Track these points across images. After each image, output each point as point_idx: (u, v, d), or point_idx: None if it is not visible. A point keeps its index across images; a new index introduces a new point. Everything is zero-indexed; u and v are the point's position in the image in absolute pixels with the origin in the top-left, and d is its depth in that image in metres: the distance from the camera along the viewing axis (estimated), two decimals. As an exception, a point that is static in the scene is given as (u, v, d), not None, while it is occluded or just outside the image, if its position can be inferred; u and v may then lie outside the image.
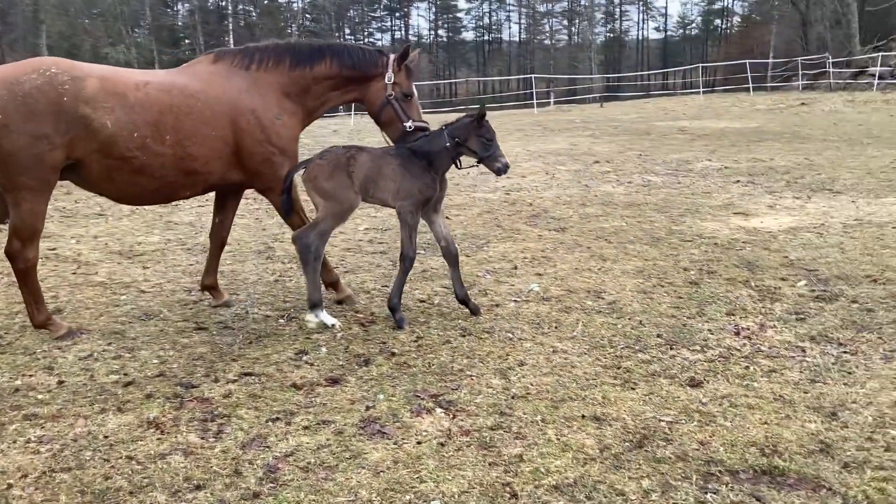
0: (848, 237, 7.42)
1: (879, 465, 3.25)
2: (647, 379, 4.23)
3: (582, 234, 8.02)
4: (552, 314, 5.38)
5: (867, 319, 5.09)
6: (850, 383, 4.11)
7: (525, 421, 3.75)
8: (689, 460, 3.34)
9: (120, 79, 4.84)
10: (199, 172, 5.07)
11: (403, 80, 5.49)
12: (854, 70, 37.00)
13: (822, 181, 10.84)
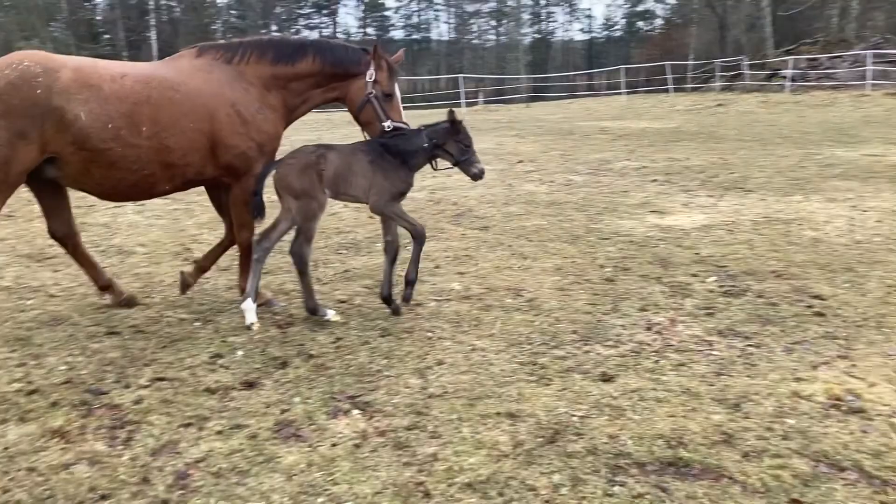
0: (757, 234, 7.72)
1: (777, 453, 3.40)
2: (562, 375, 4.32)
3: (504, 232, 8.11)
4: (472, 312, 5.43)
5: (771, 313, 5.31)
6: (753, 375, 4.28)
7: (441, 420, 3.77)
8: (598, 454, 3.42)
9: (96, 70, 4.82)
10: (177, 165, 5.04)
11: (385, 78, 5.43)
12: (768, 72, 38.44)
13: (735, 180, 11.24)
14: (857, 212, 8.69)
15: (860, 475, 3.21)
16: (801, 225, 8.08)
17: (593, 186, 11.17)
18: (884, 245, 7.11)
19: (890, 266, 6.38)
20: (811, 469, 3.26)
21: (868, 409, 3.80)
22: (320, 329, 5.09)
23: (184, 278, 5.79)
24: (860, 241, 7.32)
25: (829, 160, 13.05)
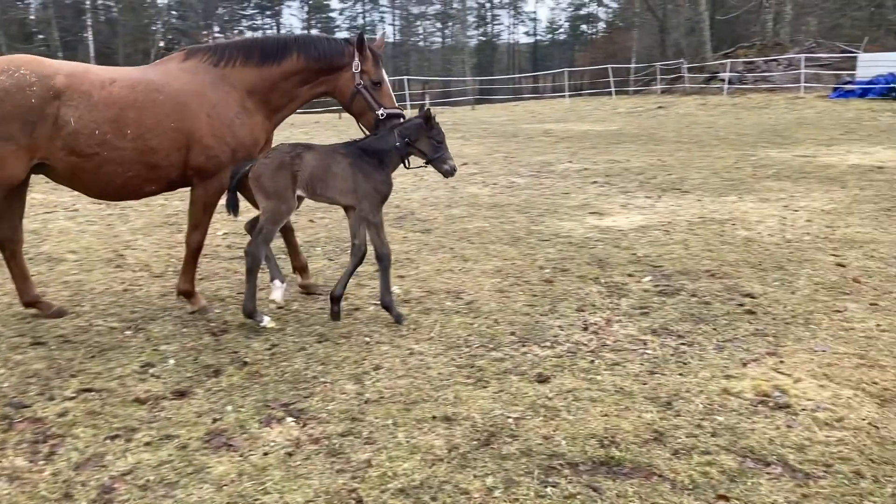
0: (692, 234, 7.88)
1: (706, 450, 3.46)
2: (499, 377, 4.33)
3: (446, 235, 8.12)
4: (411, 316, 5.41)
5: (704, 312, 5.42)
6: (685, 373, 4.35)
7: (376, 426, 3.74)
8: (532, 455, 3.44)
9: (87, 77, 4.91)
10: (161, 166, 5.09)
11: (371, 67, 5.42)
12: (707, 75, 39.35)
13: (672, 181, 11.46)
14: (788, 211, 8.94)
15: (784, 469, 3.29)
16: (734, 225, 8.27)
17: (535, 188, 11.27)
18: (813, 244, 7.32)
19: (818, 264, 6.57)
20: (738, 465, 3.32)
21: (793, 404, 3.90)
22: (255, 336, 5.01)
23: (305, 287, 5.98)
24: (791, 240, 7.53)
25: (763, 161, 13.41)
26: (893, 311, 5.30)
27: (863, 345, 4.71)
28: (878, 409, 3.84)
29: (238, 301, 5.80)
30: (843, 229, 7.91)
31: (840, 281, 6.06)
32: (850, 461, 3.33)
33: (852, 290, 5.81)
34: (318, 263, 6.95)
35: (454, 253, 7.28)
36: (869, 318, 5.17)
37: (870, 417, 3.74)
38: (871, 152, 14.29)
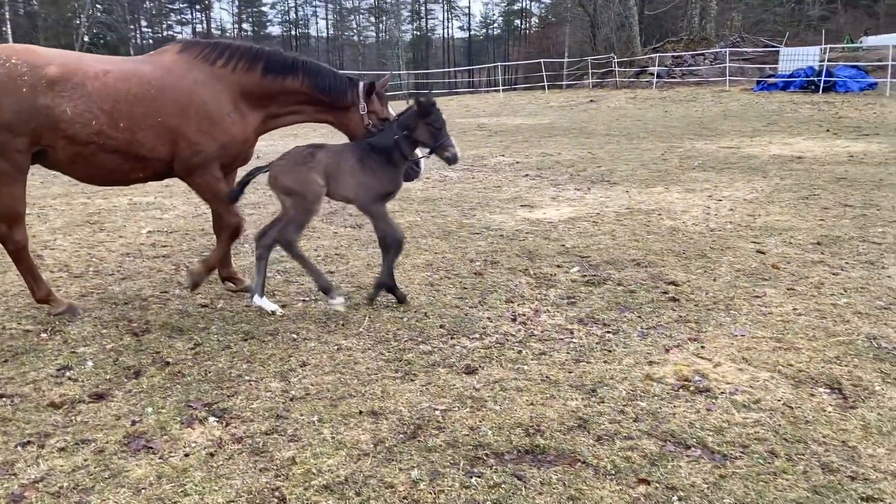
0: (619, 225, 8.02)
1: (628, 435, 3.52)
2: (427, 370, 4.32)
3: (377, 229, 8.06)
4: (340, 312, 5.36)
5: (630, 300, 5.52)
6: (609, 361, 4.42)
7: (301, 423, 3.69)
8: (458, 446, 3.44)
9: (80, 67, 4.93)
10: (147, 158, 5.11)
11: (378, 107, 5.55)
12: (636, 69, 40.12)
13: (602, 173, 11.64)
14: (712, 201, 9.18)
15: (703, 451, 3.37)
16: (660, 215, 8.45)
17: (468, 182, 11.30)
18: (734, 232, 7.53)
19: (739, 252, 6.76)
20: (659, 449, 3.39)
21: (713, 388, 4.00)
22: (178, 335, 4.89)
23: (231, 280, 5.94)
24: (714, 228, 7.73)
25: (689, 153, 13.74)
26: (809, 296, 5.49)
27: (780, 328, 4.86)
28: (793, 389, 3.97)
29: (160, 300, 5.66)
30: (763, 217, 8.16)
31: (760, 267, 6.25)
32: (766, 441, 3.43)
33: (771, 276, 5.99)
34: (245, 260, 6.83)
35: (385, 247, 7.23)
36: (786, 303, 5.34)
37: (785, 398, 3.86)
38: (791, 143, 14.79)
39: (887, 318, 4.97)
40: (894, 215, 8.03)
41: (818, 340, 4.63)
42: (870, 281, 5.77)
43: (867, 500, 2.96)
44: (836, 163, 12.06)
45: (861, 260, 6.37)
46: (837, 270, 6.09)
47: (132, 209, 9.42)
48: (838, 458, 3.27)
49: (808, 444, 3.39)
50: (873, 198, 9.05)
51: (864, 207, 8.50)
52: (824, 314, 5.09)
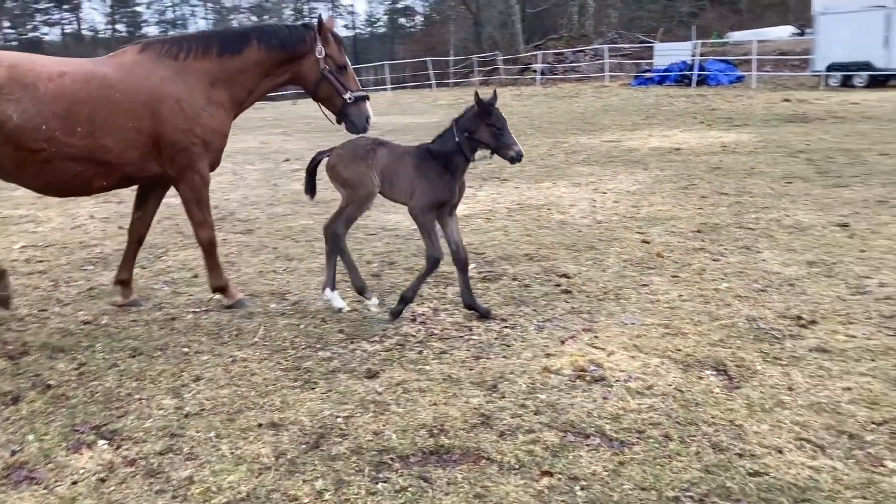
0: (511, 220, 8.16)
1: (530, 428, 3.58)
2: (327, 376, 4.26)
3: (269, 234, 7.89)
4: (234, 321, 5.21)
5: (525, 294, 5.62)
6: (508, 355, 4.48)
7: (198, 440, 3.56)
8: (363, 453, 3.40)
9: (32, 69, 4.69)
10: (114, 164, 4.92)
11: (335, 51, 5.32)
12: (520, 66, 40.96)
13: (492, 170, 11.78)
14: (598, 194, 9.48)
15: (602, 439, 3.46)
16: (549, 209, 8.65)
17: (360, 182, 11.20)
18: (620, 223, 7.80)
19: (625, 242, 7.00)
20: (560, 440, 3.46)
21: (608, 376, 4.12)
22: (60, 356, 4.62)
23: None
24: (601, 220, 7.98)
25: (574, 147, 14.14)
26: (692, 282, 5.74)
27: (667, 315, 5.06)
28: (682, 374, 4.14)
29: (39, 319, 5.33)
30: (646, 208, 8.49)
31: (645, 256, 6.49)
32: (660, 425, 3.56)
33: (656, 265, 6.24)
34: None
35: (278, 253, 7.09)
36: (672, 290, 5.57)
37: (675, 383, 4.02)
38: (669, 135, 15.46)
39: (764, 300, 5.26)
40: (766, 202, 8.52)
41: (703, 325, 4.85)
42: (747, 265, 6.10)
43: (754, 475, 3.12)
44: (711, 153, 12.69)
45: (738, 245, 6.73)
46: (717, 256, 6.41)
47: (2, 223, 8.83)
48: (727, 437, 3.43)
49: (699, 425, 3.55)
50: (746, 185, 9.58)
51: (738, 195, 8.98)
52: (707, 299, 5.33)
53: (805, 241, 6.76)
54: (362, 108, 5.38)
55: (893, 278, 5.56)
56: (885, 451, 3.25)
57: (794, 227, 7.25)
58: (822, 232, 7.03)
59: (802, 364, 4.19)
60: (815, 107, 20.02)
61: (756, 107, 21.13)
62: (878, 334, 4.56)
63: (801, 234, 6.98)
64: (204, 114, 5.08)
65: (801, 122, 16.83)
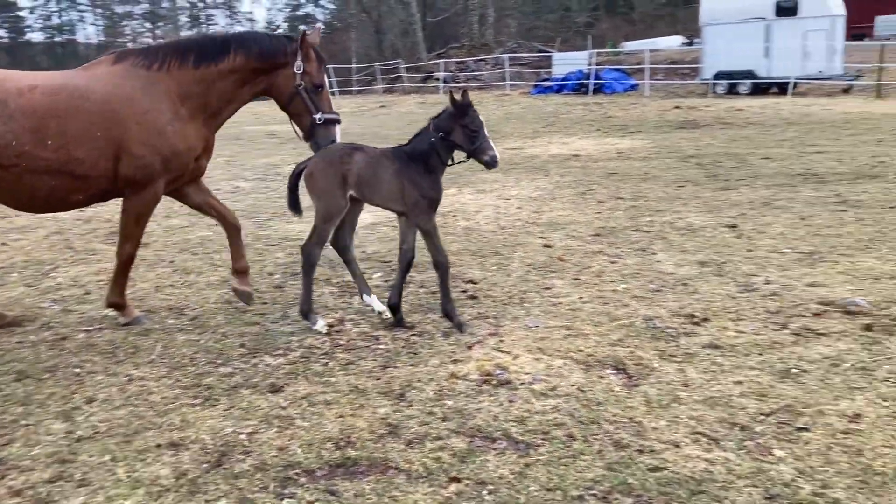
0: (417, 228, 8.16)
1: (437, 435, 3.58)
2: (229, 392, 4.14)
3: (166, 247, 7.63)
4: (129, 339, 5.00)
5: (432, 301, 5.63)
6: (416, 363, 4.48)
7: (91, 465, 3.40)
8: (267, 469, 3.32)
9: (3, 85, 4.61)
10: (90, 176, 4.80)
11: (315, 70, 5.14)
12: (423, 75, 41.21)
13: (397, 177, 11.80)
14: (501, 200, 9.62)
15: (508, 443, 3.50)
16: (455, 216, 8.72)
17: (262, 192, 11.01)
18: (523, 229, 7.94)
19: (528, 247, 7.13)
20: (467, 445, 3.48)
21: (513, 380, 4.18)
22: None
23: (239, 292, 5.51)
24: (504, 226, 8.10)
25: (477, 154, 14.29)
26: (592, 284, 5.90)
27: (569, 317, 5.17)
28: (584, 374, 4.24)
29: (-88, 345, 4.97)
30: (548, 213, 8.67)
31: (548, 260, 6.62)
32: (564, 426, 3.63)
33: (558, 268, 6.37)
34: (14, 291, 6.18)
35: (175, 266, 6.87)
36: (573, 292, 5.70)
37: (578, 383, 4.11)
38: (568, 142, 15.86)
39: (660, 300, 5.45)
40: (659, 205, 8.85)
41: (603, 325, 4.98)
42: (643, 267, 6.31)
43: (654, 469, 3.22)
44: (608, 159, 13.09)
45: (634, 248, 6.95)
46: (615, 259, 6.60)
47: None
48: (627, 434, 3.53)
49: (601, 424, 3.64)
50: (641, 190, 9.92)
51: (633, 199, 9.29)
52: (606, 300, 5.49)
53: (697, 242, 7.05)
54: (331, 131, 5.21)
55: (778, 276, 5.87)
56: (772, 441, 3.42)
57: (687, 229, 7.56)
58: (712, 233, 7.36)
59: (696, 360, 4.36)
60: (704, 113, 20.98)
61: (649, 114, 21.96)
62: (764, 329, 4.80)
63: (693, 236, 7.28)
64: (168, 129, 4.89)
65: (692, 129, 17.59)
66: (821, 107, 21.11)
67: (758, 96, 25.95)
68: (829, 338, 4.60)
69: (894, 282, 5.56)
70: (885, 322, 4.79)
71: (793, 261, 6.27)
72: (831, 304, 5.15)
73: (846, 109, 19.93)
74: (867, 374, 4.08)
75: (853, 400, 3.78)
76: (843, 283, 5.61)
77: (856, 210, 8.05)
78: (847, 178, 9.98)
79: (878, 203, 8.34)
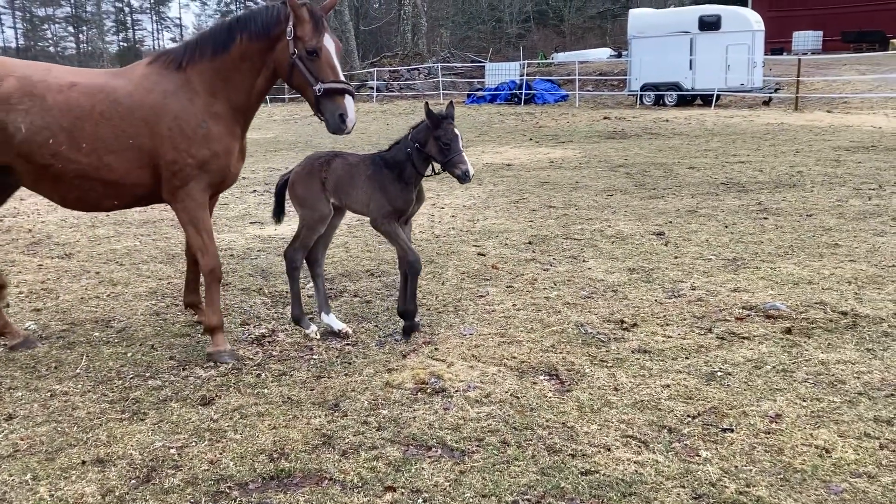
0: (352, 237, 8.14)
1: (372, 445, 3.57)
2: (158, 406, 4.04)
3: (91, 258, 7.40)
4: (52, 353, 4.83)
5: (366, 310, 5.61)
6: (350, 373, 4.46)
7: (11, 484, 3.27)
8: (198, 483, 3.26)
9: (44, 79, 4.48)
10: (122, 184, 4.58)
11: (307, 31, 4.47)
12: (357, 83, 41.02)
13: (331, 186, 11.73)
14: (435, 209, 9.66)
15: (443, 450, 3.52)
16: (389, 224, 8.70)
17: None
18: (458, 237, 7.99)
19: (463, 255, 7.18)
20: (402, 454, 3.48)
21: (448, 387, 4.20)
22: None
23: None
24: (439, 235, 8.13)
25: (411, 163, 14.32)
26: (525, 292, 5.97)
27: (503, 324, 5.23)
28: (518, 380, 4.29)
29: None
30: (482, 222, 8.75)
31: (482, 269, 6.68)
32: (498, 432, 3.67)
33: (492, 276, 6.44)
34: None
35: (101, 277, 6.67)
36: (506, 300, 5.77)
37: (511, 389, 4.16)
38: (501, 151, 16.04)
39: (591, 306, 5.56)
40: (590, 213, 9.03)
41: (536, 332, 5.05)
42: (574, 274, 6.43)
43: (586, 473, 3.28)
44: (540, 168, 13.29)
45: (566, 255, 7.08)
46: (547, 266, 6.71)
47: None
48: (560, 438, 3.59)
49: (535, 429, 3.69)
50: (572, 198, 10.11)
51: (565, 207, 9.46)
52: (539, 307, 5.57)
53: (626, 249, 7.22)
54: (337, 103, 4.52)
55: (703, 281, 6.06)
56: (699, 442, 3.53)
57: (616, 237, 7.74)
58: (640, 241, 7.55)
59: (626, 365, 4.46)
60: (632, 124, 21.52)
61: (579, 124, 22.40)
62: (691, 334, 4.94)
63: (623, 243, 7.46)
64: (200, 131, 4.55)
65: (620, 139, 18.02)
66: (743, 118, 21.90)
67: (683, 108, 26.74)
68: (751, 341, 4.77)
69: (812, 286, 5.81)
70: (803, 325, 5.00)
71: (717, 267, 6.48)
72: (753, 309, 5.35)
73: (766, 121, 20.74)
74: (787, 375, 4.24)
75: (774, 401, 3.92)
76: (764, 288, 5.83)
77: (776, 218, 8.37)
78: (767, 187, 10.38)
79: (796, 211, 8.69)
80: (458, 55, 43.85)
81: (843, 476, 3.20)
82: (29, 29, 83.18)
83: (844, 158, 12.89)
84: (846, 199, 9.23)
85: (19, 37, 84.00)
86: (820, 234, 7.52)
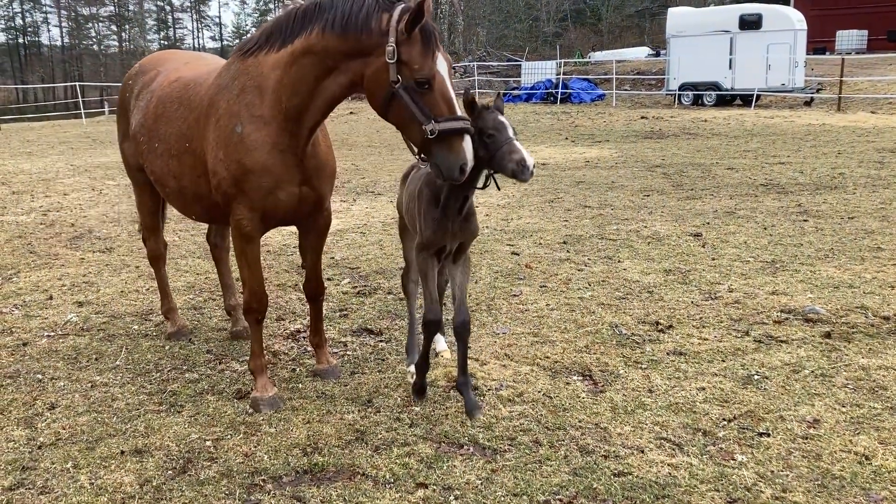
0: (386, 234, 8.18)
1: (404, 441, 3.59)
2: (195, 399, 4.11)
3: (131, 253, 7.54)
4: (93, 345, 4.94)
5: (400, 308, 5.63)
6: (383, 369, 4.48)
7: (53, 472, 3.35)
8: (233, 476, 3.30)
9: (169, 71, 4.40)
10: (199, 195, 4.05)
11: (416, 55, 3.33)
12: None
13: (367, 184, 11.81)
14: (470, 207, 9.64)
15: (475, 448, 3.52)
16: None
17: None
18: (491, 236, 7.98)
19: (496, 254, 7.17)
20: (434, 451, 3.49)
21: (480, 385, 4.20)
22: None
23: None
24: (473, 233, 8.12)
25: (446, 162, 14.33)
26: (559, 292, 5.95)
27: (536, 324, 5.21)
28: (551, 380, 4.27)
29: None
30: (515, 221, 8.73)
31: (515, 268, 6.67)
32: (530, 432, 3.66)
33: (525, 276, 6.42)
34: None
35: (140, 272, 6.78)
36: (540, 300, 5.75)
37: (544, 389, 4.15)
38: (536, 150, 15.98)
39: (625, 307, 5.52)
40: (626, 213, 8.96)
41: (569, 332, 5.03)
42: (609, 274, 6.38)
43: (619, 475, 3.26)
44: (575, 168, 13.22)
45: (601, 255, 7.03)
46: (582, 266, 6.67)
47: None
48: (593, 439, 3.57)
49: (567, 429, 3.67)
50: (607, 198, 10.03)
51: (600, 207, 9.39)
52: (573, 307, 5.54)
53: (662, 250, 7.15)
54: (455, 150, 3.35)
55: (741, 284, 5.98)
56: (734, 446, 3.48)
57: (652, 238, 7.66)
58: (677, 241, 7.47)
59: (661, 367, 4.42)
60: (670, 124, 21.29)
61: (616, 124, 22.22)
62: (727, 336, 4.88)
63: (659, 244, 7.38)
64: (234, 136, 3.69)
65: (658, 139, 17.84)
66: (783, 119, 21.54)
67: (722, 108, 26.38)
68: (789, 345, 4.70)
69: (852, 290, 5.70)
70: (843, 329, 4.90)
71: (755, 269, 6.39)
72: (792, 312, 5.26)
73: (808, 122, 20.36)
74: (826, 380, 4.17)
75: (812, 406, 3.86)
76: (803, 291, 5.73)
77: (816, 220, 8.22)
78: (808, 189, 10.20)
79: (837, 214, 8.53)
80: (494, 54, 43.77)
81: (884, 484, 3.14)
82: (74, 27, 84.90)
83: (888, 160, 12.61)
84: (889, 202, 9.03)
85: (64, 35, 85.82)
86: (862, 236, 7.37)
